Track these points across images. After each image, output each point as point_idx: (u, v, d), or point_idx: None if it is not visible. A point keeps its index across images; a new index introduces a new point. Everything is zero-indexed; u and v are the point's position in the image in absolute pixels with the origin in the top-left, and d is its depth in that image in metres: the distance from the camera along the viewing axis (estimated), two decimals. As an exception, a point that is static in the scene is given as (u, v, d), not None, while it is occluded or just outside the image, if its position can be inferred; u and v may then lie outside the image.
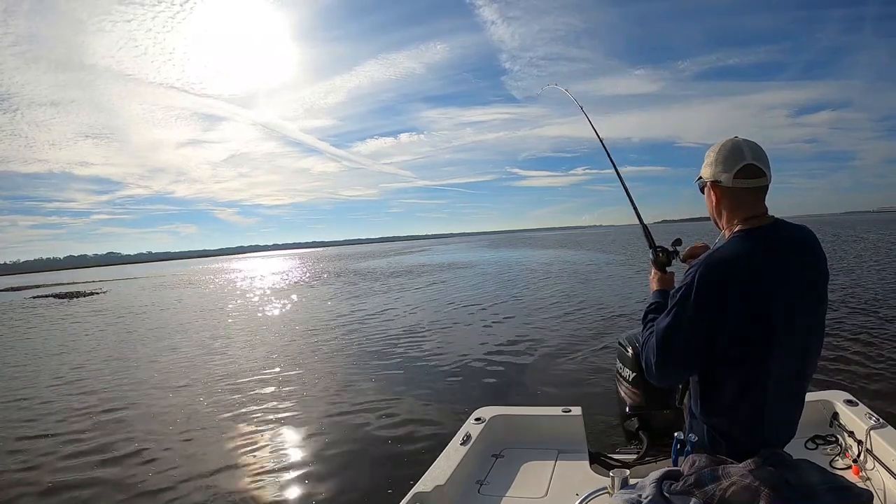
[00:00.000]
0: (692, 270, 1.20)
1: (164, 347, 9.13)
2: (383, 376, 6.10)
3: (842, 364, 5.08)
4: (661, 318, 1.25)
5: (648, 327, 1.33)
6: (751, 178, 1.22)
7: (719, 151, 1.26)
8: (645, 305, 1.48)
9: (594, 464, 2.03)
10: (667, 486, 1.17)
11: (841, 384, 4.21)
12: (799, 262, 1.20)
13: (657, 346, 1.23)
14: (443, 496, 1.71)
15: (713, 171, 1.27)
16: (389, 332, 9.02)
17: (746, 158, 1.22)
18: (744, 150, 1.23)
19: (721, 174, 1.24)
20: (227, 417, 4.97)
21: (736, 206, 1.25)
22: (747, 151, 1.22)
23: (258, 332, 10.16)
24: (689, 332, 1.19)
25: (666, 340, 1.22)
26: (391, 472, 3.50)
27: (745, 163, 1.21)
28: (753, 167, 1.22)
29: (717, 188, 1.28)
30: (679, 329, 1.20)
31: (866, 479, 1.68)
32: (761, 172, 1.22)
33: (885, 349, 5.64)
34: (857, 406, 2.01)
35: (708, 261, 1.20)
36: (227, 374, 6.69)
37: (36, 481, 3.82)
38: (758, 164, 1.22)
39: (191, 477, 3.69)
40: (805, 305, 1.21)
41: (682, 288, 1.21)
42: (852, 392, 2.22)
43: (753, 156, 1.22)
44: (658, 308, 1.41)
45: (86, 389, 6.46)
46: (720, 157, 1.25)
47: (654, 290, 1.55)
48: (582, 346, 6.85)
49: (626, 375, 2.54)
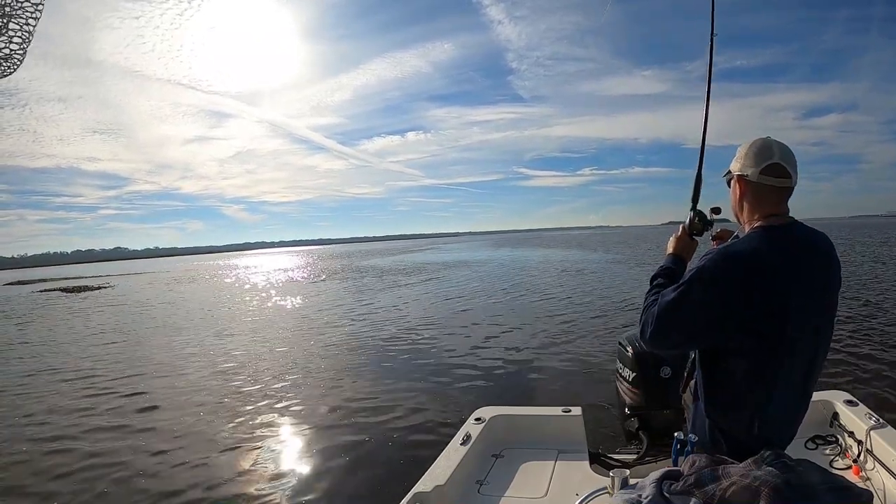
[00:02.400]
0: (708, 257, 1.21)
1: (172, 341, 9.13)
2: (383, 375, 6.10)
3: (842, 364, 5.08)
4: (668, 291, 1.24)
5: (654, 292, 1.32)
6: (776, 176, 1.24)
7: (750, 147, 1.29)
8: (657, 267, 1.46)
9: (594, 464, 2.04)
10: (667, 486, 1.17)
11: (841, 384, 4.22)
12: (813, 264, 1.21)
13: (656, 317, 1.23)
14: (443, 496, 1.71)
15: (741, 165, 1.29)
16: (391, 331, 9.02)
17: (774, 157, 1.24)
18: (773, 148, 1.26)
19: (748, 168, 1.27)
20: (227, 416, 4.95)
21: (758, 202, 1.27)
22: (776, 151, 1.25)
23: (261, 329, 10.16)
24: (690, 315, 1.20)
25: (666, 315, 1.22)
26: (391, 471, 3.50)
27: (772, 161, 1.24)
28: (780, 167, 1.24)
29: (742, 182, 1.30)
30: (680, 309, 1.20)
31: (866, 480, 1.68)
32: (787, 173, 1.24)
33: (885, 349, 5.64)
34: (857, 406, 2.02)
35: (725, 252, 1.21)
36: (228, 371, 6.69)
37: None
38: (785, 164, 1.24)
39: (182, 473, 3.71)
40: (816, 307, 1.22)
41: (695, 271, 1.21)
42: (852, 392, 2.22)
43: (782, 156, 1.24)
44: (668, 274, 1.41)
45: (93, 378, 6.48)
46: (750, 153, 1.28)
47: (669, 254, 1.52)
48: (582, 345, 6.85)
49: (626, 375, 2.55)
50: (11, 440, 4.72)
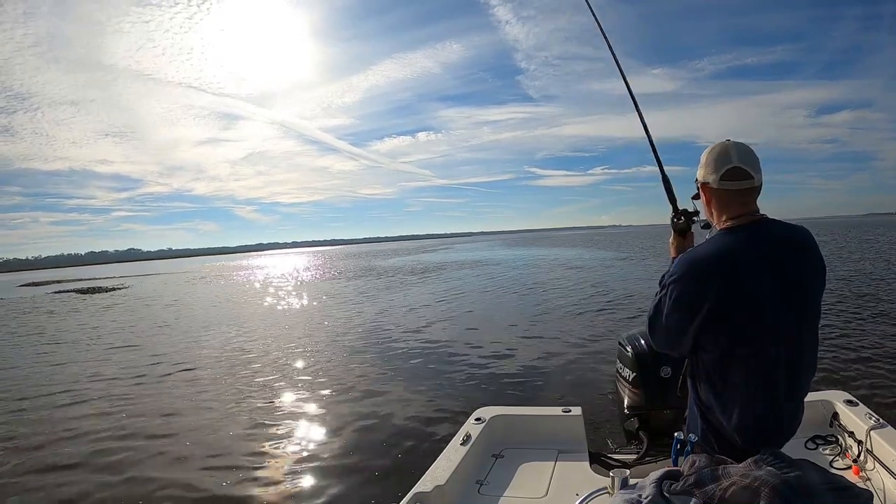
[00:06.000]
0: (675, 264, 1.29)
1: (190, 339, 9.16)
2: (384, 375, 6.10)
3: (842, 364, 5.07)
4: (654, 298, 1.34)
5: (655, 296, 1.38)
6: (737, 179, 1.25)
7: (709, 154, 1.32)
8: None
9: (594, 464, 2.03)
10: (667, 486, 1.17)
11: (841, 384, 4.21)
12: (784, 259, 1.22)
13: (648, 322, 1.36)
14: (443, 496, 1.71)
15: (704, 173, 1.32)
16: (393, 330, 9.05)
17: (732, 161, 1.25)
18: (731, 153, 1.27)
19: (710, 175, 1.29)
20: (227, 414, 4.96)
21: (724, 207, 1.30)
22: (734, 154, 1.26)
23: (270, 329, 10.25)
24: (666, 322, 1.29)
25: (651, 321, 1.35)
26: (391, 471, 3.50)
27: (730, 166, 1.25)
28: (739, 170, 1.25)
29: (707, 189, 1.33)
30: (660, 315, 1.31)
31: (866, 480, 1.68)
32: (748, 175, 1.25)
33: (885, 350, 5.63)
34: (857, 406, 2.01)
35: (688, 256, 1.28)
36: (234, 367, 6.72)
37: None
38: (744, 166, 1.25)
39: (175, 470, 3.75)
40: (791, 303, 1.21)
41: (665, 278, 1.30)
42: (852, 392, 2.22)
43: (740, 158, 1.25)
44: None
45: (108, 379, 6.48)
46: (710, 160, 1.30)
47: (671, 257, 1.55)
48: (582, 345, 6.85)
49: (626, 375, 2.55)
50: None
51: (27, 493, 3.66)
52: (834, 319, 7.17)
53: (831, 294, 9.22)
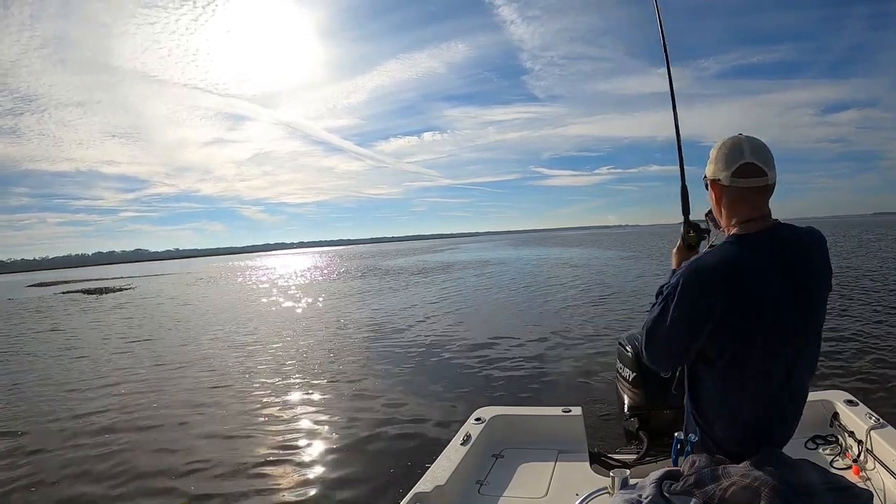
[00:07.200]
0: (679, 273, 1.21)
1: (196, 339, 9.19)
2: (384, 375, 6.10)
3: (842, 364, 5.06)
4: (653, 308, 1.27)
5: (651, 307, 1.32)
6: (749, 176, 1.18)
7: (720, 149, 1.23)
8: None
9: (594, 464, 2.03)
10: (667, 486, 1.17)
11: (841, 384, 4.21)
12: (789, 262, 1.18)
13: (645, 334, 1.29)
14: (443, 496, 1.71)
15: (714, 169, 1.24)
16: (394, 330, 9.05)
17: (745, 157, 1.17)
18: (743, 147, 1.19)
19: (720, 172, 1.22)
20: (226, 414, 4.96)
21: (735, 206, 1.22)
22: (747, 149, 1.18)
23: (276, 328, 10.29)
24: (670, 331, 1.21)
25: (650, 332, 1.27)
26: (391, 471, 3.49)
27: (743, 161, 1.18)
28: (752, 166, 1.17)
29: (716, 186, 1.25)
30: (661, 325, 1.23)
31: (866, 479, 1.67)
32: (761, 172, 1.17)
33: (885, 350, 5.62)
34: (858, 406, 2.01)
35: (694, 266, 1.20)
36: (238, 366, 6.74)
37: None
38: (758, 162, 1.17)
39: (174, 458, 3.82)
40: (794, 306, 1.18)
41: (669, 288, 1.22)
42: (852, 392, 2.21)
43: (753, 154, 1.18)
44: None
45: (111, 382, 6.48)
46: (720, 155, 1.22)
47: (673, 269, 1.50)
48: (582, 345, 6.84)
49: (626, 375, 2.55)
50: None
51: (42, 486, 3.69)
52: (834, 319, 7.16)
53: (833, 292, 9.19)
